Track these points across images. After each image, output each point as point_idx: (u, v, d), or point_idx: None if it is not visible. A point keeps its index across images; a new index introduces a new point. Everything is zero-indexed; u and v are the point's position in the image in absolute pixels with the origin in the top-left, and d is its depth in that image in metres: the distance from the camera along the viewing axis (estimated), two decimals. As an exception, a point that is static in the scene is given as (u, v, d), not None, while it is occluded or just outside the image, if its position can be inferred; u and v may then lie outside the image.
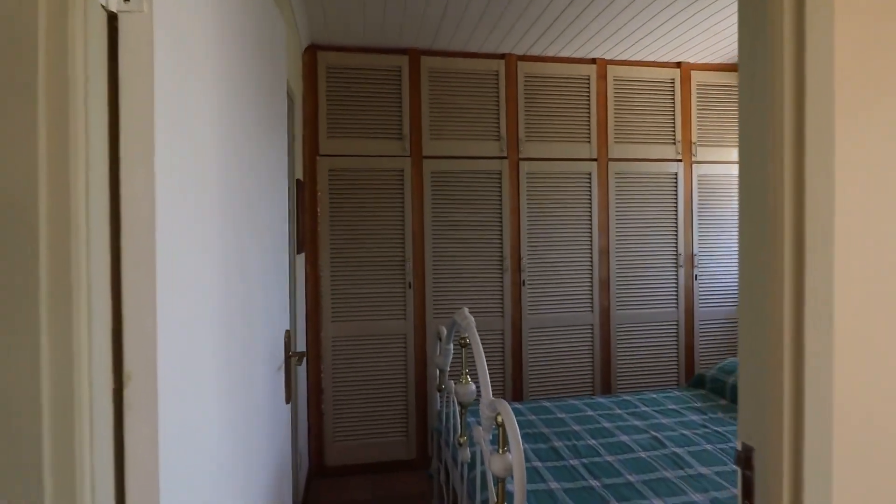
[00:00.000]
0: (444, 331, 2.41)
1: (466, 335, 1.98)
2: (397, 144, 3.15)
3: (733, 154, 3.55)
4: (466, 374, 1.98)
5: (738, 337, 0.83)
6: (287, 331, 1.41)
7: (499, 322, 3.28)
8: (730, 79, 3.53)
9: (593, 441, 2.28)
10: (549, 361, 3.36)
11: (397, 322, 3.16)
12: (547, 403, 2.78)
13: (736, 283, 3.65)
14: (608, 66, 3.38)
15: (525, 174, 3.30)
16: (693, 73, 3.48)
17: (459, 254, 3.23)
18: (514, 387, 3.31)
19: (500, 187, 3.27)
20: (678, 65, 3.46)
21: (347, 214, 3.11)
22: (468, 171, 3.24)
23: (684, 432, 2.35)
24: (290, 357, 1.38)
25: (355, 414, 3.12)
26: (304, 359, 2.88)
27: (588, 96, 3.36)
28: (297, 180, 2.63)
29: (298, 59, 2.90)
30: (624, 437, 2.30)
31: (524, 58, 3.29)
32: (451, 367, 3.12)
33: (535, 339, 3.34)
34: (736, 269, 3.65)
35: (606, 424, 2.47)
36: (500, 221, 3.27)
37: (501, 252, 3.27)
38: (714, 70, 3.51)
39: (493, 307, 3.28)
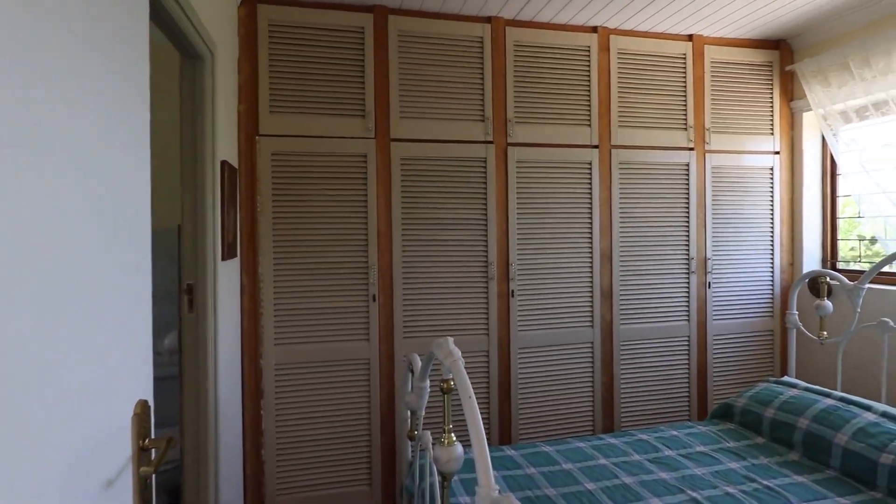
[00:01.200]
0: (418, 361, 1.81)
1: (451, 377, 1.39)
2: (359, 123, 2.55)
3: (751, 143, 3.07)
4: (450, 430, 1.38)
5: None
6: (142, 403, 0.80)
7: (483, 342, 2.70)
8: (749, 56, 3.06)
9: (616, 508, 1.72)
10: (544, 389, 2.80)
11: (358, 344, 2.55)
12: (546, 448, 2.21)
13: (754, 292, 3.19)
14: (611, 37, 2.85)
15: (514, 162, 2.73)
16: (707, 47, 2.98)
17: (436, 259, 2.64)
18: (501, 422, 2.74)
19: (485, 178, 2.69)
20: (690, 38, 2.96)
21: (296, 210, 2.48)
22: (446, 157, 2.65)
23: (728, 490, 1.82)
24: (143, 450, 0.76)
25: (306, 460, 2.48)
26: (244, 395, 2.24)
27: (588, 72, 2.82)
28: (225, 164, 2.00)
29: (233, 9, 2.27)
30: (655, 502, 1.75)
31: (514, 23, 2.73)
32: (428, 410, 2.53)
33: (526, 362, 2.77)
34: (755, 275, 3.19)
35: (627, 480, 1.91)
36: (485, 219, 2.70)
37: (486, 257, 2.69)
38: (731, 45, 3.03)
39: (477, 324, 2.70)
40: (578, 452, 2.15)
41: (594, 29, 2.83)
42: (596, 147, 2.84)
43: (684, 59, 2.95)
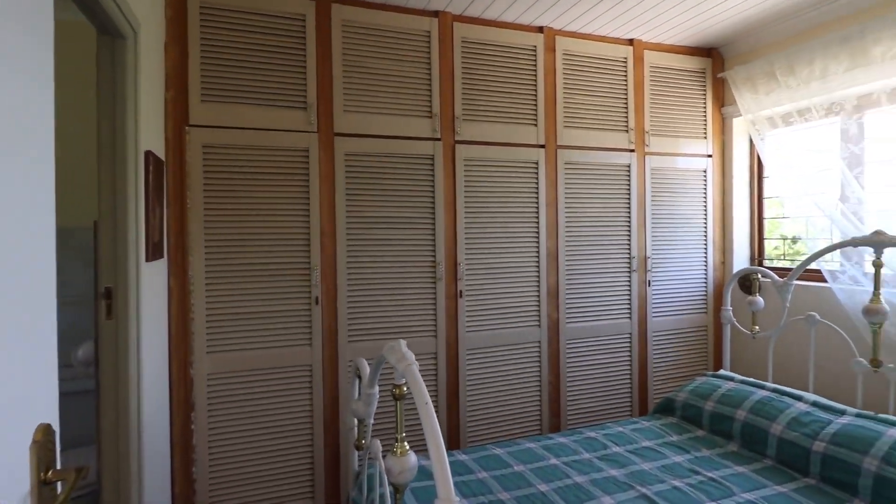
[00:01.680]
0: (366, 367, 1.71)
1: (403, 383, 1.31)
2: (300, 116, 2.41)
3: (687, 146, 3.19)
4: (403, 439, 1.31)
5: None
6: (43, 428, 0.66)
7: (431, 344, 2.63)
8: (685, 62, 3.17)
9: (570, 509, 1.70)
10: (492, 390, 2.76)
11: (300, 350, 2.41)
12: (497, 450, 2.17)
13: (690, 289, 3.31)
14: (557, 38, 2.87)
15: (462, 161, 2.69)
16: (647, 52, 3.07)
17: (382, 259, 2.55)
18: (450, 425, 2.68)
19: (433, 176, 2.63)
20: (631, 42, 3.03)
21: (231, 207, 2.31)
22: (393, 153, 2.56)
23: (675, 484, 1.85)
24: (46, 483, 0.63)
25: (242, 475, 2.31)
26: (173, 415, 2.05)
27: (535, 71, 2.82)
28: (150, 155, 1.82)
29: (156, -13, 2.08)
30: (607, 501, 1.74)
31: (461, 18, 2.69)
32: (377, 417, 2.43)
33: (475, 363, 2.73)
34: (690, 273, 3.32)
35: (579, 479, 1.90)
36: (433, 218, 2.63)
37: (434, 256, 2.63)
38: (668, 51, 3.13)
39: (425, 325, 2.62)
40: (529, 453, 2.13)
41: (540, 29, 2.83)
42: (542, 147, 2.84)
43: (626, 62, 3.02)
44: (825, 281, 2.64)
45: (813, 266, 2.51)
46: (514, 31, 2.78)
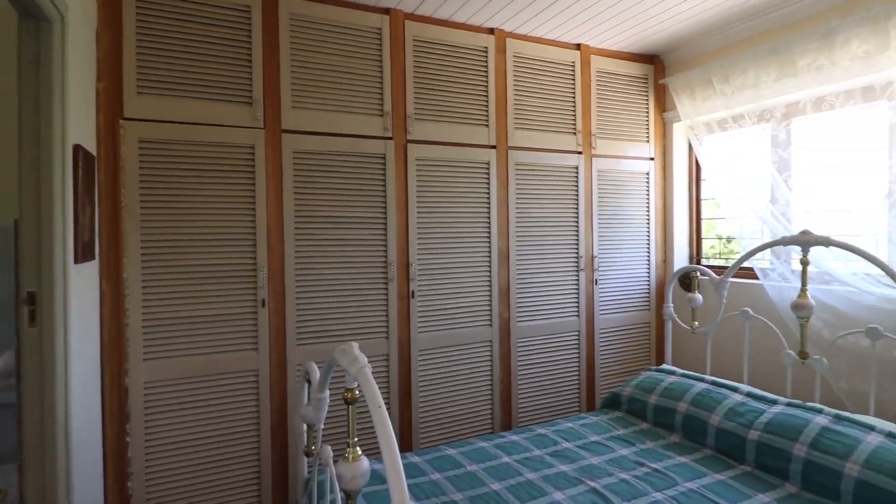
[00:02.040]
0: (316, 371, 1.67)
1: (356, 386, 1.28)
2: (246, 112, 2.32)
3: (631, 149, 3.30)
4: (355, 444, 1.27)
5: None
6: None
7: (382, 345, 2.60)
8: (629, 68, 3.28)
9: (522, 506, 1.72)
10: (444, 390, 2.76)
11: (245, 354, 2.32)
12: (450, 450, 2.16)
13: (634, 287, 3.43)
14: (507, 40, 2.90)
15: (415, 160, 2.67)
16: (593, 57, 3.16)
17: (333, 259, 2.49)
18: (402, 427, 2.65)
19: (385, 175, 2.60)
20: (578, 47, 3.11)
21: (170, 205, 2.20)
22: (344, 152, 2.51)
23: (623, 476, 1.90)
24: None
25: (183, 488, 2.20)
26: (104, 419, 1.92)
27: (486, 73, 2.84)
28: (79, 150, 1.69)
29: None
30: (559, 496, 1.77)
31: (413, 17, 2.67)
32: (328, 422, 2.37)
33: (427, 364, 2.72)
34: (634, 272, 3.43)
35: (531, 476, 1.92)
36: (385, 218, 2.60)
37: (386, 257, 2.59)
38: (613, 57, 3.23)
39: (376, 327, 2.59)
40: (482, 452, 2.13)
41: (491, 31, 2.85)
42: (494, 147, 2.87)
43: (573, 66, 3.09)
44: (757, 278, 2.80)
45: (746, 264, 2.65)
46: (466, 31, 2.79)
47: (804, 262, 2.26)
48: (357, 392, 1.29)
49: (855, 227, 2.50)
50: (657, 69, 3.37)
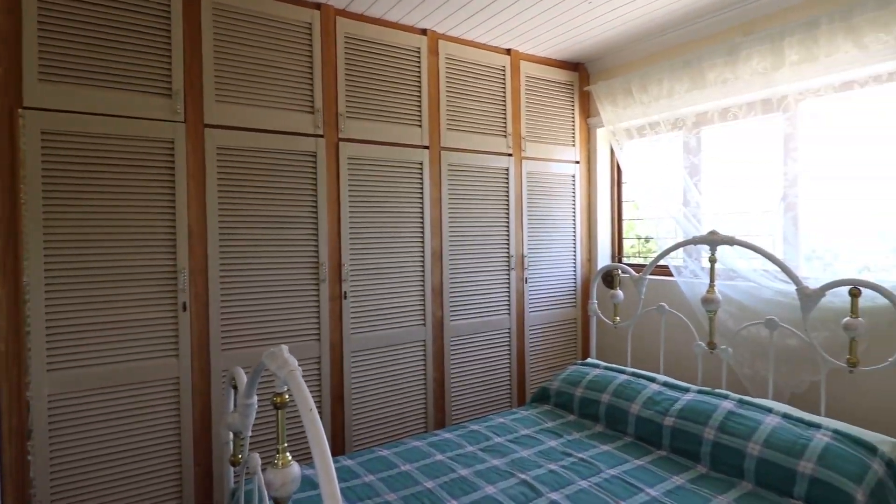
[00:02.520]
0: (243, 376, 1.61)
1: (286, 390, 1.25)
2: (164, 104, 2.19)
3: (558, 153, 3.44)
4: (285, 449, 1.24)
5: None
6: None
7: (314, 348, 2.54)
8: (556, 75, 3.41)
9: (456, 503, 1.74)
10: (378, 391, 2.74)
11: (165, 361, 2.19)
12: (383, 452, 2.15)
13: (561, 285, 3.57)
14: (440, 41, 2.92)
15: (347, 159, 2.63)
16: (522, 63, 3.25)
17: (261, 260, 2.41)
18: (335, 430, 2.61)
19: (316, 173, 2.54)
20: (508, 52, 3.19)
21: (78, 203, 2.03)
22: (273, 149, 2.43)
23: (551, 467, 1.98)
24: None
25: (94, 507, 2.04)
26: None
27: (419, 73, 2.85)
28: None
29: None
30: (491, 490, 1.81)
31: (345, 13, 2.63)
32: (256, 429, 2.29)
33: (360, 365, 2.69)
34: (562, 270, 3.57)
35: (464, 472, 1.95)
36: (316, 218, 2.54)
37: (317, 257, 2.54)
38: (542, 63, 3.35)
39: (307, 329, 2.53)
40: (416, 452, 2.14)
41: (424, 31, 2.87)
42: (427, 148, 2.88)
43: (504, 71, 3.17)
44: (672, 275, 3.00)
45: (662, 262, 2.84)
46: (399, 31, 2.78)
47: (712, 260, 2.45)
48: (287, 396, 1.25)
49: (756, 227, 2.74)
50: (582, 77, 3.53)
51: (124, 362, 2.10)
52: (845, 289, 2.13)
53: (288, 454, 1.23)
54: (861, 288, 2.05)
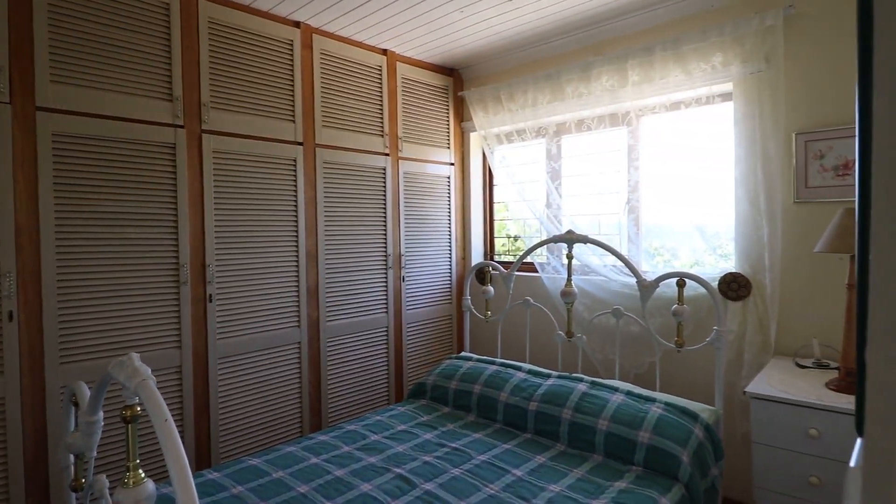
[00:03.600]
0: (86, 391, 1.44)
1: (137, 402, 1.15)
2: (-21, 81, 1.87)
3: (434, 154, 3.54)
4: (137, 466, 1.15)
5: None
6: None
7: (174, 356, 2.35)
8: (432, 78, 3.50)
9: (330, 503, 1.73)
10: (249, 397, 2.61)
11: (-15, 379, 1.88)
12: (254, 460, 2.06)
13: (438, 282, 3.68)
14: (315, 36, 2.85)
15: (211, 152, 2.46)
16: (399, 64, 3.29)
17: (108, 262, 2.16)
18: (198, 443, 2.43)
19: (175, 167, 2.34)
20: (385, 52, 3.21)
21: None
22: (122, 138, 2.20)
23: (426, 459, 2.04)
24: None
25: None
26: None
27: (292, 67, 2.76)
28: None
29: None
30: (366, 487, 1.83)
31: (207, -4, 2.45)
32: (102, 449, 2.05)
33: (229, 372, 2.54)
34: (438, 268, 3.68)
35: (339, 472, 1.94)
36: (176, 215, 2.35)
37: (178, 258, 2.35)
38: (418, 66, 3.42)
39: (165, 336, 2.33)
40: (289, 457, 2.08)
41: (297, 24, 2.78)
42: (300, 144, 2.80)
43: (381, 70, 3.18)
44: (537, 271, 3.24)
45: (528, 259, 3.06)
46: (270, 21, 2.67)
47: (569, 257, 2.70)
48: (139, 409, 1.15)
49: (607, 227, 3.06)
50: (456, 82, 3.67)
51: (-73, 384, 1.77)
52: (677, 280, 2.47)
53: (141, 471, 1.14)
54: (686, 279, 2.40)
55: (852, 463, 0.68)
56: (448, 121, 3.63)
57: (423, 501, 1.73)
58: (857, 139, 0.45)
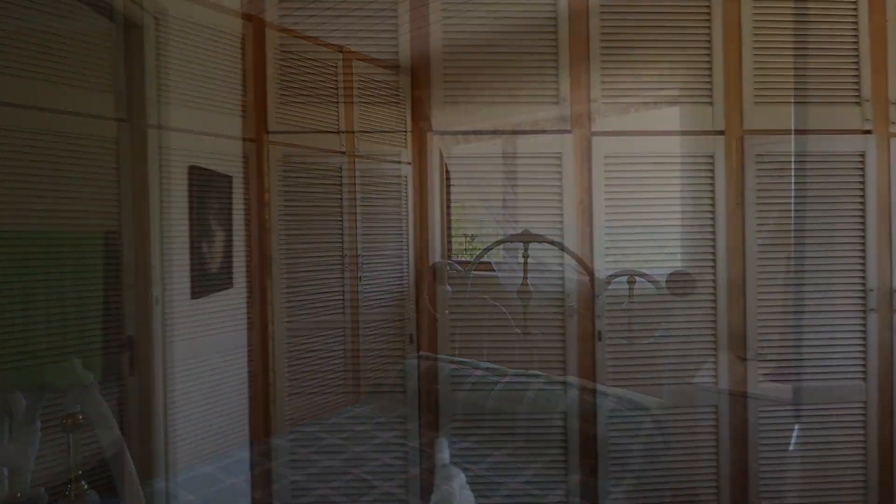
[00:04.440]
0: (21, 400, 1.36)
1: (78, 410, 1.10)
2: None
3: (392, 153, 3.52)
4: (79, 477, 1.10)
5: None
6: None
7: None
8: (389, 77, 3.48)
9: None
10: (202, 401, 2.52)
11: None
12: (208, 468, 2.00)
13: (396, 281, 3.65)
14: (268, 30, 2.78)
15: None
16: (355, 61, 3.25)
17: None
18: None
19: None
20: (341, 49, 3.17)
21: None
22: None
23: (385, 460, 2.04)
24: None
25: None
26: None
27: (241, 60, 2.68)
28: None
29: None
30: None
31: (152, -14, 2.35)
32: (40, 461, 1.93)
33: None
34: (396, 267, 3.66)
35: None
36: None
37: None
38: (374, 64, 3.39)
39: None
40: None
41: (249, 18, 2.70)
42: (253, 141, 2.73)
43: (336, 68, 3.14)
44: (494, 270, 3.28)
45: (485, 258, 3.09)
46: (214, 11, 2.58)
47: (525, 256, 2.75)
48: (80, 417, 1.10)
49: (562, 227, 3.13)
50: (414, 81, 3.65)
51: None
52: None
53: (84, 483, 1.09)
54: (636, 277, 2.48)
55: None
56: (405, 120, 3.61)
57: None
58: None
